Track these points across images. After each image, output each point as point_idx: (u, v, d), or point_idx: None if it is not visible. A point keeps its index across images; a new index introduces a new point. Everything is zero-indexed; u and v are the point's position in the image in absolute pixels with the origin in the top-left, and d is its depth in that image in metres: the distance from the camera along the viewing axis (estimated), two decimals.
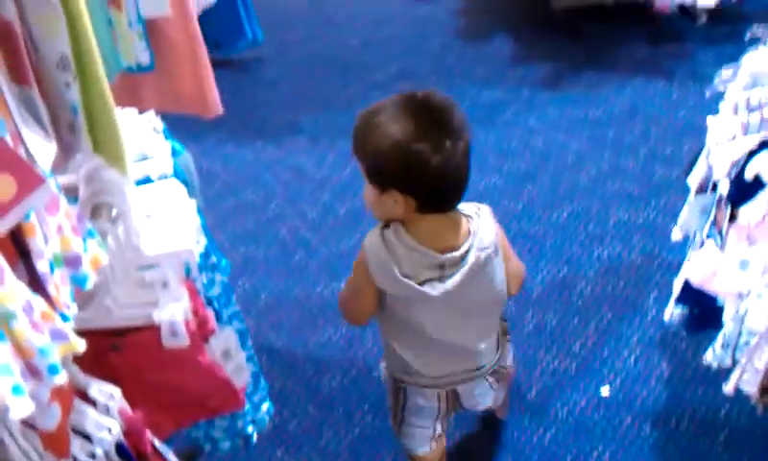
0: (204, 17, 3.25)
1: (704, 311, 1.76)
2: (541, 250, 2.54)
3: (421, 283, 1.43)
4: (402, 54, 3.54)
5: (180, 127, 3.05)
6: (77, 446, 1.00)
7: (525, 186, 2.80)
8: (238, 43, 3.34)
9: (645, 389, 2.11)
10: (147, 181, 1.43)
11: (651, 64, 3.43)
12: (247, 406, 1.52)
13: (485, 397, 1.70)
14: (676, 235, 1.86)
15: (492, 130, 3.09)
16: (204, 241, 1.38)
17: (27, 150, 0.86)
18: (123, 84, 1.21)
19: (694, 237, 1.85)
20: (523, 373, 2.16)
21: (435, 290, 1.43)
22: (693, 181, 1.83)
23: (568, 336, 2.26)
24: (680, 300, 1.79)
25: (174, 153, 1.58)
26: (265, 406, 1.61)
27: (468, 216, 1.48)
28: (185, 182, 1.54)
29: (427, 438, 1.69)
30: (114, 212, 1.19)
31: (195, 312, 1.19)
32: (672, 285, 1.85)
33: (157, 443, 1.10)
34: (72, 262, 0.93)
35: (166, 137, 1.54)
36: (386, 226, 1.44)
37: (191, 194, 1.63)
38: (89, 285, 0.95)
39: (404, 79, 3.35)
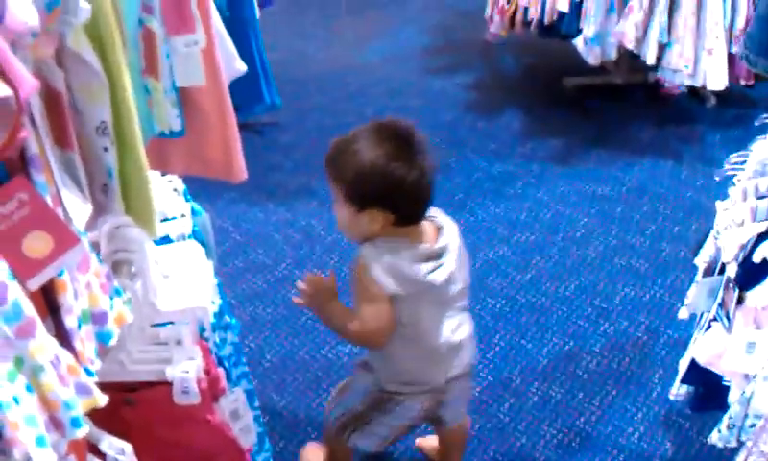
0: None
1: (709, 391, 1.77)
2: (548, 322, 2.55)
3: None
4: (415, 124, 3.60)
5: (194, 185, 3.10)
6: None
7: (533, 258, 2.83)
8: (256, 107, 3.40)
9: None
10: (166, 240, 1.46)
11: (660, 144, 3.49)
12: None
13: (463, 400, 1.87)
14: (683, 314, 1.88)
15: (501, 201, 3.13)
16: (218, 301, 1.40)
17: (65, 210, 0.89)
18: (151, 148, 1.25)
19: (701, 317, 1.86)
20: (527, 444, 2.15)
21: (439, 276, 1.61)
22: (701, 262, 1.86)
23: (573, 410, 2.25)
24: (685, 379, 1.80)
25: (193, 213, 1.61)
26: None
27: (430, 217, 1.67)
28: (203, 243, 1.57)
29: (383, 441, 1.84)
30: (133, 269, 1.22)
31: (207, 371, 1.20)
32: (677, 363, 1.86)
33: None
34: (98, 319, 0.96)
35: (186, 199, 1.58)
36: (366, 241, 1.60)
37: (208, 255, 1.66)
38: (113, 342, 0.97)
39: None
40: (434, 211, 1.69)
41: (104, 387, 1.15)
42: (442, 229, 1.66)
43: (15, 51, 0.77)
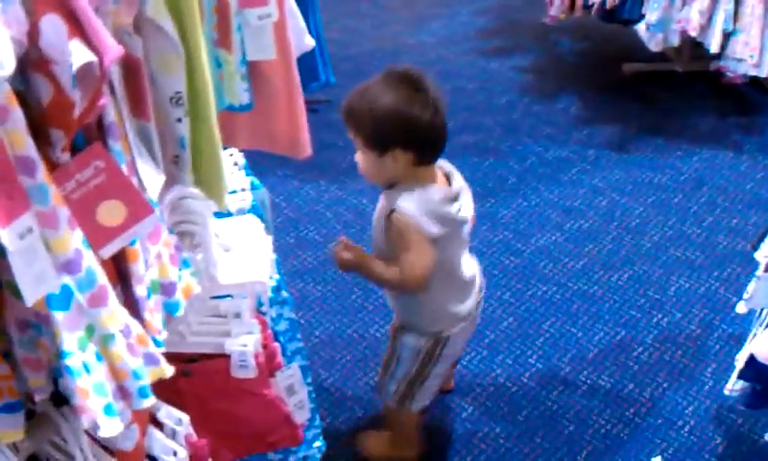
0: None
1: (766, 388, 1.73)
2: (599, 311, 2.52)
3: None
4: (468, 107, 3.58)
5: (248, 160, 3.12)
6: None
7: (586, 246, 2.79)
8: (311, 85, 3.41)
9: None
10: (226, 213, 1.47)
11: (720, 134, 3.40)
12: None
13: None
14: (741, 309, 1.83)
15: (555, 187, 3.09)
16: (276, 275, 1.41)
17: (139, 179, 0.90)
18: (220, 122, 1.26)
19: (760, 313, 1.82)
20: (574, 432, 2.13)
21: (464, 213, 1.73)
22: (762, 256, 1.81)
23: (622, 400, 2.23)
24: (743, 374, 1.76)
25: (252, 187, 1.62)
26: (317, 444, 1.62)
27: (438, 165, 1.75)
28: (261, 218, 1.58)
29: (435, 392, 1.96)
30: (195, 241, 1.23)
31: (264, 345, 1.21)
32: (730, 358, 1.83)
33: None
34: (167, 290, 0.97)
35: (246, 173, 1.58)
36: (391, 187, 1.68)
37: (266, 228, 1.67)
38: (180, 313, 0.98)
39: (469, 131, 3.38)
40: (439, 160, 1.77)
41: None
42: (451, 173, 1.76)
43: (98, 17, 0.77)
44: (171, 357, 1.17)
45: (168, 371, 0.94)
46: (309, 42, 1.46)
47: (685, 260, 2.72)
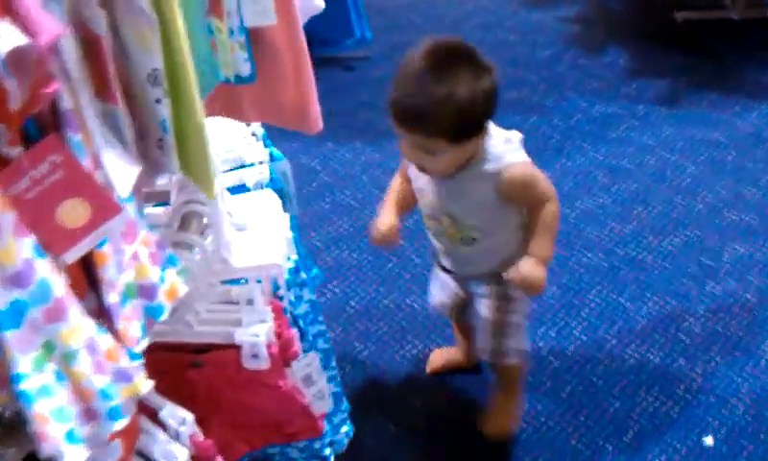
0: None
1: None
2: (648, 279, 2.39)
3: None
4: (510, 61, 3.42)
5: None
6: None
7: (635, 209, 2.65)
8: (346, 41, 3.30)
9: (753, 443, 1.95)
10: (242, 188, 1.38)
11: None
12: (326, 428, 1.46)
13: None
14: None
15: (602, 146, 2.94)
16: (294, 256, 1.32)
17: (106, 174, 0.81)
18: (222, 95, 1.16)
19: None
20: (621, 410, 2.03)
21: None
22: None
23: (672, 376, 2.11)
24: None
25: (272, 159, 1.52)
26: (344, 429, 1.55)
27: None
28: (281, 191, 1.49)
29: None
30: (205, 221, 1.15)
31: (278, 334, 1.13)
32: None
33: None
34: (147, 292, 0.88)
35: (265, 144, 1.49)
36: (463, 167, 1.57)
37: (287, 203, 1.58)
38: (164, 316, 0.90)
39: (511, 87, 3.23)
40: None
41: (171, 348, 1.09)
42: None
43: None
44: (180, 348, 1.10)
45: (144, 387, 0.85)
46: (319, 4, 1.34)
47: (741, 223, 2.56)
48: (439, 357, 2.13)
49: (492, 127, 1.60)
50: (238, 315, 1.12)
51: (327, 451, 1.49)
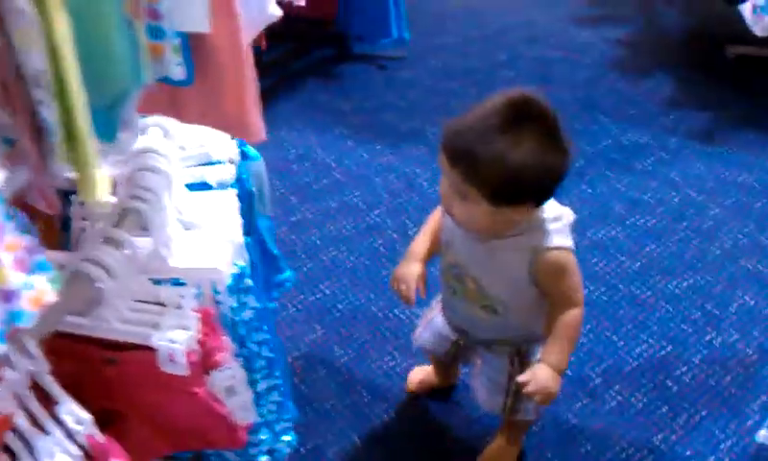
0: (351, 9, 3.24)
1: None
2: (647, 320, 2.32)
3: None
4: (548, 77, 3.35)
5: (302, 117, 3.04)
6: None
7: (648, 245, 2.58)
8: (382, 40, 3.28)
9: None
10: (204, 186, 1.38)
11: None
12: (265, 436, 1.45)
13: None
14: None
15: (625, 176, 2.86)
16: (242, 262, 1.31)
17: None
18: (167, 95, 1.16)
19: None
20: (591, 452, 1.98)
21: None
22: None
23: (652, 424, 2.05)
24: None
25: (247, 158, 1.52)
26: (287, 438, 1.54)
27: None
28: (250, 192, 1.48)
29: None
30: (143, 220, 1.15)
31: (202, 342, 1.12)
32: None
33: None
34: (7, 298, 0.88)
35: (239, 144, 1.48)
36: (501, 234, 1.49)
37: (260, 204, 1.58)
38: (28, 323, 0.90)
39: None
40: None
41: (87, 342, 1.10)
42: None
43: None
44: (97, 343, 1.10)
45: None
46: (275, 12, 1.31)
47: (756, 274, 2.47)
48: (417, 375, 2.10)
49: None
50: (160, 318, 1.12)
51: (264, 459, 1.49)
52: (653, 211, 2.71)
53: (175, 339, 1.09)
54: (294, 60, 3.34)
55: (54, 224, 1.35)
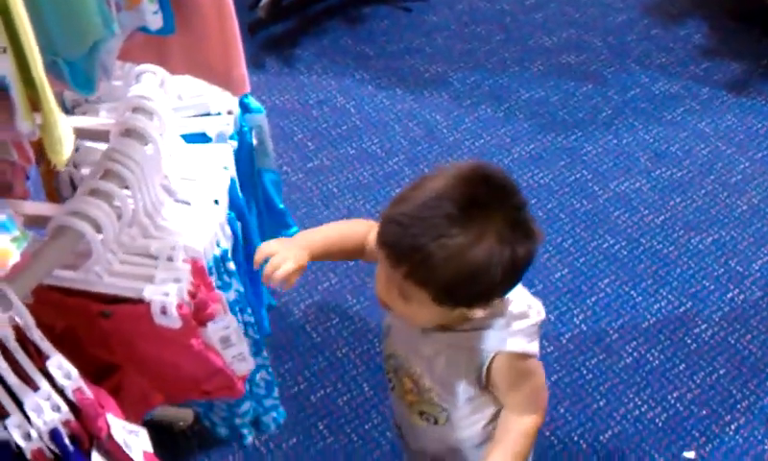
0: None
1: None
2: (668, 275, 2.27)
3: None
4: (578, 22, 3.24)
5: (322, 61, 2.99)
6: (14, 422, 0.97)
7: (672, 199, 2.51)
8: None
9: None
10: (203, 137, 1.35)
11: None
12: (248, 406, 1.44)
13: None
14: None
15: (653, 127, 2.78)
16: (225, 244, 1.24)
17: None
18: (154, 45, 1.13)
19: None
20: (604, 409, 1.96)
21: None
22: None
23: (667, 381, 2.02)
24: None
25: (249, 110, 1.48)
26: (274, 414, 1.51)
27: None
28: (251, 145, 1.45)
29: None
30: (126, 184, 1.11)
31: (193, 294, 1.10)
32: None
33: (117, 428, 1.05)
34: None
35: (243, 96, 1.44)
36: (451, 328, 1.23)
37: (263, 157, 1.55)
38: None
39: (571, 51, 3.07)
40: None
41: (82, 295, 1.09)
42: None
43: None
44: (92, 296, 1.09)
45: None
46: None
47: None
48: None
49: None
50: (153, 271, 1.10)
51: (246, 431, 1.48)
52: (680, 164, 2.64)
53: (167, 292, 1.07)
54: (315, 2, 3.27)
55: (53, 168, 1.34)
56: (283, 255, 1.19)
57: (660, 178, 2.58)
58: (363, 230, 1.33)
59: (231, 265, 1.26)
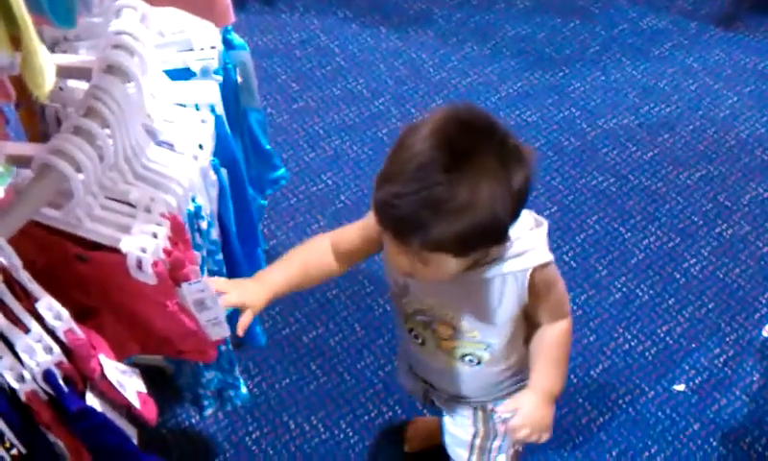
0: None
1: None
2: (657, 212, 2.27)
3: None
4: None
5: None
6: (6, 365, 0.95)
7: (661, 135, 2.50)
8: None
9: (726, 397, 1.88)
10: (187, 73, 1.31)
11: None
12: (212, 376, 1.41)
13: None
14: None
15: (641, 62, 2.75)
16: (201, 200, 1.20)
17: None
18: None
19: None
20: (594, 343, 1.97)
21: None
22: None
23: (657, 316, 2.03)
24: None
25: (231, 46, 1.44)
26: (238, 390, 1.48)
27: None
28: (235, 82, 1.42)
29: None
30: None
31: (170, 252, 1.06)
32: None
33: (110, 368, 1.03)
34: None
35: (224, 31, 1.40)
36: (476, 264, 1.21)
37: (248, 96, 1.51)
38: None
39: None
40: None
41: (61, 236, 1.07)
42: None
43: None
44: (71, 238, 1.07)
45: None
46: None
47: None
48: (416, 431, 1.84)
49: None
50: (131, 220, 1.07)
51: (206, 403, 1.46)
52: (667, 99, 2.62)
53: (144, 247, 1.04)
54: None
55: (35, 110, 1.30)
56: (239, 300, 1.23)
57: (648, 114, 2.57)
58: (326, 258, 1.34)
59: (203, 224, 1.22)
